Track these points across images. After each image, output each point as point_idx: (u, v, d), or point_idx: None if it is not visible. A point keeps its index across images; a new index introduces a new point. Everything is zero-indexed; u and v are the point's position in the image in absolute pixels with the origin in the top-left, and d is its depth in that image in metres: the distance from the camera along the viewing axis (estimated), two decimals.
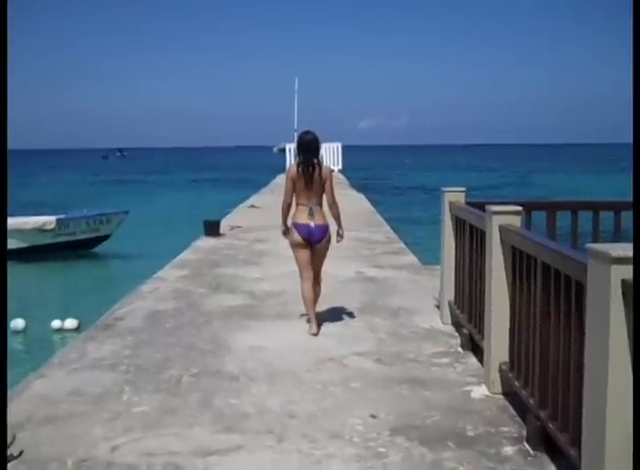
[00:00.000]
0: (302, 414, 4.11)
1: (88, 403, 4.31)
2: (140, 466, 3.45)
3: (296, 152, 6.12)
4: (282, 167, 32.21)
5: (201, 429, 3.91)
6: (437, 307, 6.56)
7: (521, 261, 3.94)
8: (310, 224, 5.94)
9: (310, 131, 6.09)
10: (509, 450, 3.60)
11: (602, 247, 2.65)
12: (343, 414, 4.10)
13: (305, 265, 6.06)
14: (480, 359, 4.86)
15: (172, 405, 4.26)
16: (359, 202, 20.62)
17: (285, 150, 38.65)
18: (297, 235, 5.97)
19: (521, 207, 4.44)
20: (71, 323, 9.99)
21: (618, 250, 2.54)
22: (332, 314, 6.51)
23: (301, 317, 6.31)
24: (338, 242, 6.20)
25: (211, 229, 12.72)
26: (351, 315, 6.55)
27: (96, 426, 3.94)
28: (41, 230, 16.81)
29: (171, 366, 5.04)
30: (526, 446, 3.63)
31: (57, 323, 10.02)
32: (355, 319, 6.43)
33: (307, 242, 5.98)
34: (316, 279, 6.18)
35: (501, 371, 4.32)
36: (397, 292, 7.65)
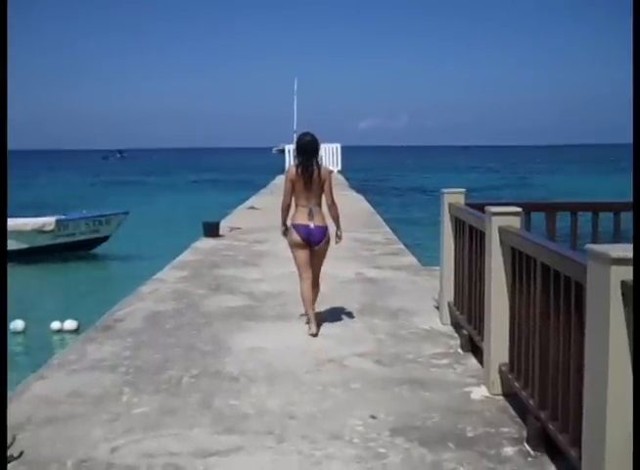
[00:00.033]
0: (302, 415, 4.11)
1: (88, 405, 4.31)
2: (140, 467, 3.45)
3: (295, 153, 6.14)
4: (281, 168, 32.18)
5: (201, 430, 3.91)
6: (437, 308, 6.56)
7: (520, 262, 3.95)
8: (310, 225, 5.95)
9: (309, 132, 6.11)
10: (509, 451, 3.60)
11: (602, 248, 2.65)
12: (343, 415, 4.10)
13: (304, 265, 6.08)
14: (480, 360, 4.86)
15: (172, 406, 4.26)
16: (359, 203, 20.63)
17: (284, 151, 38.61)
18: (297, 235, 5.98)
19: (520, 208, 4.44)
20: (71, 324, 10.00)
21: (618, 251, 2.54)
22: (331, 315, 6.51)
23: (301, 318, 6.31)
24: (336, 243, 6.22)
25: (211, 230, 12.73)
26: (351, 316, 6.55)
27: (96, 427, 3.94)
28: (41, 231, 16.80)
29: (171, 367, 5.04)
30: (527, 446, 3.63)
31: (56, 324, 10.03)
32: (355, 320, 6.43)
33: (306, 242, 6.00)
34: (315, 280, 6.20)
35: (501, 372, 4.32)
36: (397, 293, 7.65)
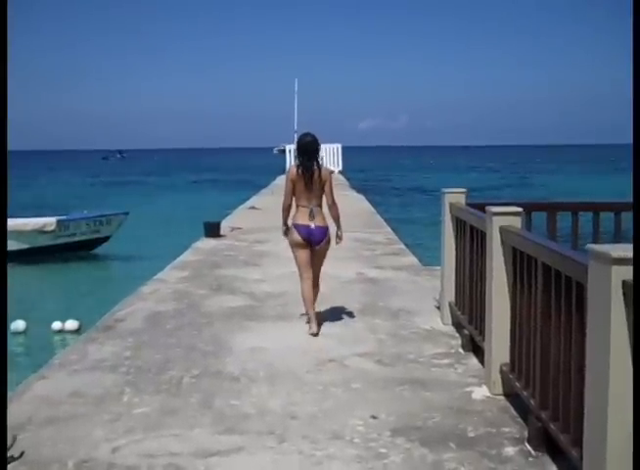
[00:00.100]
0: (303, 415, 4.11)
1: (89, 405, 4.31)
2: (141, 467, 3.45)
3: (295, 153, 6.15)
4: (282, 169, 32.20)
5: (201, 430, 3.91)
6: (438, 308, 6.56)
7: (521, 262, 3.94)
8: (311, 225, 5.96)
9: (310, 133, 6.13)
10: (510, 451, 3.60)
11: (602, 248, 2.65)
12: (344, 415, 4.10)
13: (305, 265, 6.08)
14: (481, 360, 4.86)
15: (173, 406, 4.26)
16: (359, 203, 20.63)
17: (285, 151, 38.63)
18: (297, 235, 5.99)
19: (521, 208, 4.44)
20: (72, 325, 9.99)
21: (619, 250, 2.54)
22: (332, 315, 6.51)
23: (302, 318, 6.32)
24: (337, 243, 6.23)
25: (212, 230, 12.73)
26: (352, 316, 6.55)
27: (97, 427, 3.94)
28: (41, 232, 16.79)
29: (172, 367, 5.04)
30: (528, 446, 3.63)
31: (57, 325, 10.02)
32: (356, 320, 6.43)
33: (307, 242, 6.01)
34: (315, 280, 6.20)
35: (502, 372, 4.32)
36: (398, 293, 7.65)
